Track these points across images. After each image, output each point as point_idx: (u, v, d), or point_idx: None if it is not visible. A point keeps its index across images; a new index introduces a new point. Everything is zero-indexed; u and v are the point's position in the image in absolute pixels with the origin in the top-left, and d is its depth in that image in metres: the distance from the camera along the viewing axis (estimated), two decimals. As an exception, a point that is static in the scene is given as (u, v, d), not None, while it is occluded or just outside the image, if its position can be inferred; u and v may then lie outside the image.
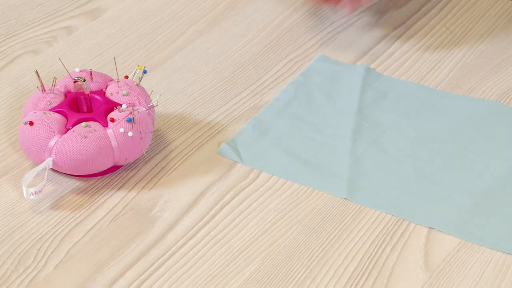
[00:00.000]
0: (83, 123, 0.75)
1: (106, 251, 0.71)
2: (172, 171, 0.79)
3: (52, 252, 0.71)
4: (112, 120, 0.75)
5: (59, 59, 0.85)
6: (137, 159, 0.79)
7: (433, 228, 0.73)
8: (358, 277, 0.69)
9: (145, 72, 0.80)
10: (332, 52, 0.94)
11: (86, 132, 0.74)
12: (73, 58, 0.92)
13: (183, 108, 0.85)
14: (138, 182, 0.77)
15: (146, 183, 0.77)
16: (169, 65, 0.92)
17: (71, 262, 0.70)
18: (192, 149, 0.81)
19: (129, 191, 0.76)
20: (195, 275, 0.69)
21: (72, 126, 0.75)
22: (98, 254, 0.71)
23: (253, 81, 0.89)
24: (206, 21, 0.98)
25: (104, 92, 0.79)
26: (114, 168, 0.78)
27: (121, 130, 0.75)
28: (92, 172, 0.76)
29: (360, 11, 1.00)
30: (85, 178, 0.77)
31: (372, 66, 0.92)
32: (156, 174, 0.78)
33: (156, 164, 0.79)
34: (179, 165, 0.79)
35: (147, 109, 0.78)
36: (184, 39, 0.95)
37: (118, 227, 0.73)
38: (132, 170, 0.78)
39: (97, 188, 0.77)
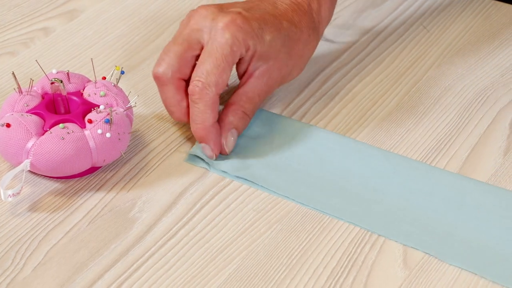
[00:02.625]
0: (61, 125, 0.74)
1: (85, 253, 0.71)
2: (151, 171, 0.78)
3: (30, 254, 0.70)
4: (90, 121, 0.75)
5: (36, 60, 0.84)
6: (115, 160, 0.79)
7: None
8: (338, 276, 0.69)
9: (122, 73, 0.79)
10: (310, 51, 0.94)
11: (64, 134, 0.73)
12: (51, 60, 0.91)
13: (162, 108, 0.85)
14: (116, 183, 0.77)
15: (125, 184, 0.77)
16: (147, 65, 0.91)
17: (50, 264, 0.70)
18: (171, 149, 0.81)
19: (107, 192, 0.76)
20: (175, 276, 0.69)
21: (50, 128, 0.75)
22: (77, 255, 0.70)
23: (231, 80, 0.89)
24: (184, 21, 0.98)
25: (82, 93, 0.79)
26: (92, 170, 0.77)
27: (99, 131, 0.74)
28: (70, 174, 0.75)
29: (338, 10, 1.00)
30: (63, 179, 0.77)
31: (351, 64, 0.92)
32: (135, 175, 0.78)
33: (135, 165, 0.79)
34: (158, 165, 0.79)
35: (125, 110, 0.77)
36: (162, 40, 0.95)
37: (97, 228, 0.73)
38: (110, 171, 0.78)
39: (76, 189, 0.76)
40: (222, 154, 0.79)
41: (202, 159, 0.79)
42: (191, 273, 0.69)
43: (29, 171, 0.75)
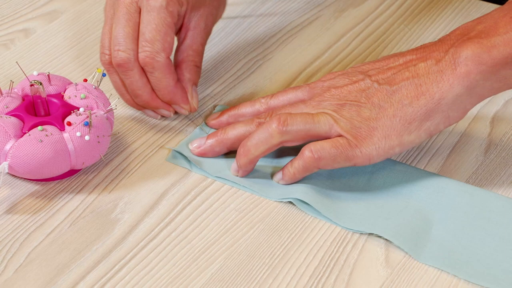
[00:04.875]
0: (39, 127, 0.74)
1: (66, 254, 0.70)
2: (133, 172, 0.78)
3: (11, 257, 0.70)
4: (69, 123, 0.75)
5: (16, 62, 0.84)
6: (96, 162, 0.79)
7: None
8: (320, 275, 0.69)
9: (104, 75, 0.79)
10: (292, 50, 0.94)
11: (42, 136, 0.73)
12: (31, 61, 0.91)
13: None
14: (98, 185, 0.77)
15: (106, 185, 0.77)
16: (128, 66, 0.91)
17: (31, 266, 0.69)
18: (152, 150, 0.81)
19: (89, 194, 0.76)
20: (157, 277, 0.69)
21: (29, 130, 0.74)
22: (59, 257, 0.70)
23: (214, 81, 0.89)
24: (165, 22, 0.98)
25: (62, 96, 0.78)
26: (72, 172, 0.77)
27: (78, 134, 0.74)
28: (49, 176, 0.75)
29: (319, 10, 1.00)
30: (43, 182, 0.77)
31: (332, 63, 0.92)
32: (117, 176, 0.78)
33: (116, 166, 0.79)
34: (139, 166, 0.79)
35: (105, 113, 0.77)
36: (143, 40, 0.95)
37: (78, 230, 0.73)
38: (92, 172, 0.78)
39: (57, 191, 0.76)
40: (191, 112, 0.83)
41: (184, 157, 0.79)
42: (173, 274, 0.69)
43: (8, 173, 0.75)
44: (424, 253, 0.71)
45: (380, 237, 0.73)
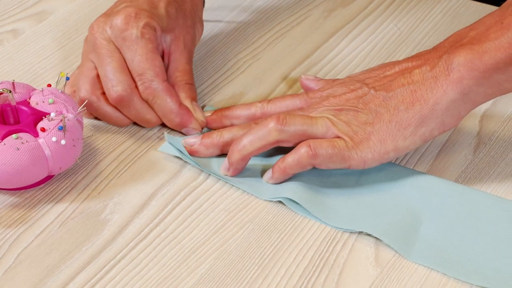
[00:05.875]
0: (14, 135, 0.73)
1: (56, 255, 0.70)
2: (122, 173, 0.78)
3: (0, 258, 0.70)
4: (43, 129, 0.74)
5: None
6: (86, 162, 0.78)
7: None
8: (310, 275, 0.69)
9: (67, 79, 0.79)
10: (281, 50, 0.94)
11: (18, 144, 0.72)
12: (20, 62, 0.91)
13: (132, 109, 0.85)
14: (87, 185, 0.77)
15: (96, 186, 0.77)
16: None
17: (21, 267, 0.69)
18: (142, 150, 0.81)
19: (78, 195, 0.76)
20: (147, 277, 0.69)
21: (2, 139, 0.73)
22: (48, 258, 0.70)
23: (203, 81, 0.89)
24: (154, 22, 0.97)
25: (29, 102, 0.77)
26: (47, 178, 0.76)
27: (54, 139, 0.73)
28: (27, 184, 0.74)
29: (308, 9, 1.00)
30: (18, 190, 0.76)
31: (321, 63, 0.92)
32: (106, 176, 0.78)
33: (106, 167, 0.79)
34: (129, 167, 0.79)
35: (75, 116, 0.76)
36: (132, 41, 0.95)
37: (68, 230, 0.73)
38: (81, 173, 0.78)
39: (46, 192, 0.76)
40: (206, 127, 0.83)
41: (178, 149, 0.79)
42: (163, 274, 0.69)
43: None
44: (414, 251, 0.71)
45: (370, 236, 0.73)
